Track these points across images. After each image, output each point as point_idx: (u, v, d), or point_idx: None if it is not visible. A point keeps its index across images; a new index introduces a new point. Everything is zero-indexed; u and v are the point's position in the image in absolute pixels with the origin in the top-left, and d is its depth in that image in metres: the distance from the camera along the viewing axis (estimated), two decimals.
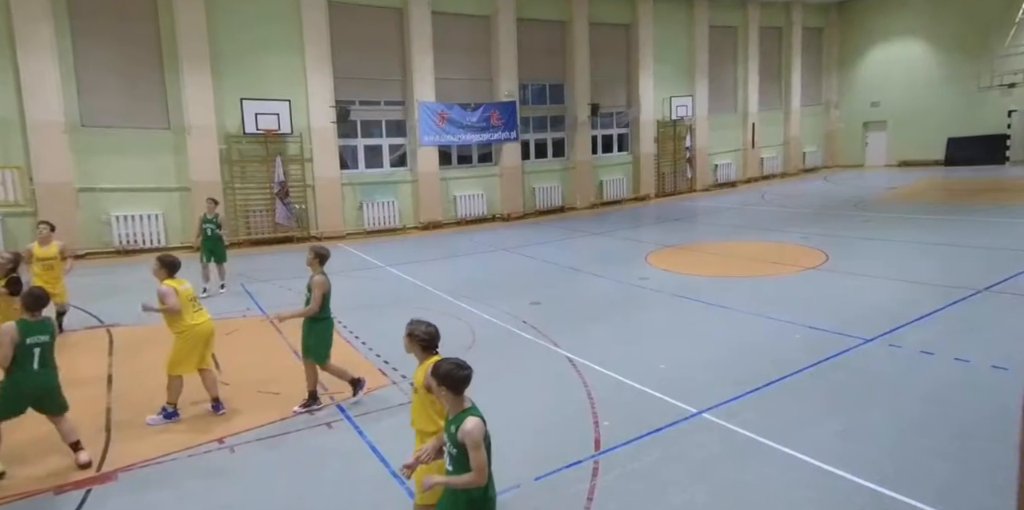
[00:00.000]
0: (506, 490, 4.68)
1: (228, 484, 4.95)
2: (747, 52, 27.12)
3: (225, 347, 8.20)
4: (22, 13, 13.71)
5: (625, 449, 5.23)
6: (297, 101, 16.70)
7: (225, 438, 5.71)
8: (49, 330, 5.26)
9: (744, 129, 27.44)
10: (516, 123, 20.31)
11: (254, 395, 6.74)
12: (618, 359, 7.39)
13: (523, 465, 5.05)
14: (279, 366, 7.64)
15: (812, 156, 30.61)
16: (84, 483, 4.94)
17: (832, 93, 31.38)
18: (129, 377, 7.38)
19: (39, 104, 14.05)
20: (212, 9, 15.72)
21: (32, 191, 14.27)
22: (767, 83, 28.18)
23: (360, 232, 18.13)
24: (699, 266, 12.37)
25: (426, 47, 18.55)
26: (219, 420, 6.15)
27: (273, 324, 9.34)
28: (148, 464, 5.25)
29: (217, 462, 5.32)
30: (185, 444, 5.60)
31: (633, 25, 23.41)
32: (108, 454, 5.48)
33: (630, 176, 24.01)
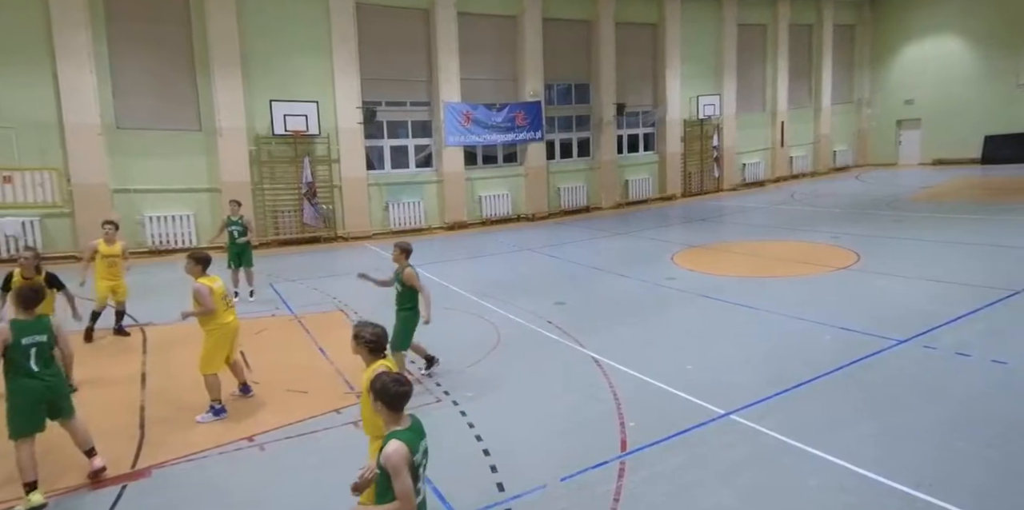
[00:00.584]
0: (532, 490, 4.68)
1: (258, 481, 5.01)
2: (776, 50, 26.75)
3: (254, 346, 8.33)
4: (61, 19, 14.08)
5: (651, 450, 5.19)
6: (325, 102, 16.88)
7: (255, 436, 5.78)
8: (45, 329, 4.93)
9: (773, 128, 27.06)
10: (541, 123, 20.29)
11: (283, 394, 6.81)
12: (644, 359, 7.33)
13: (549, 465, 5.03)
14: (307, 365, 7.71)
15: (843, 155, 30.08)
16: (119, 479, 5.04)
17: (864, 91, 30.79)
18: (162, 375, 7.50)
19: (76, 107, 14.41)
20: (243, 13, 15.98)
21: (69, 192, 14.64)
22: (796, 81, 27.75)
23: (386, 232, 18.26)
24: (726, 266, 12.22)
25: (452, 48, 18.63)
26: (249, 418, 6.23)
27: (302, 324, 9.46)
28: (181, 461, 5.34)
29: (247, 459, 5.39)
30: (216, 442, 5.67)
31: (660, 24, 23.24)
32: (142, 451, 5.57)
33: (656, 176, 23.83)
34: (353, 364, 7.53)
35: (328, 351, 8.11)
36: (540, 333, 8.61)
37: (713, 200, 23.18)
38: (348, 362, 7.60)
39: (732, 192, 25.00)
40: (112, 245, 9.03)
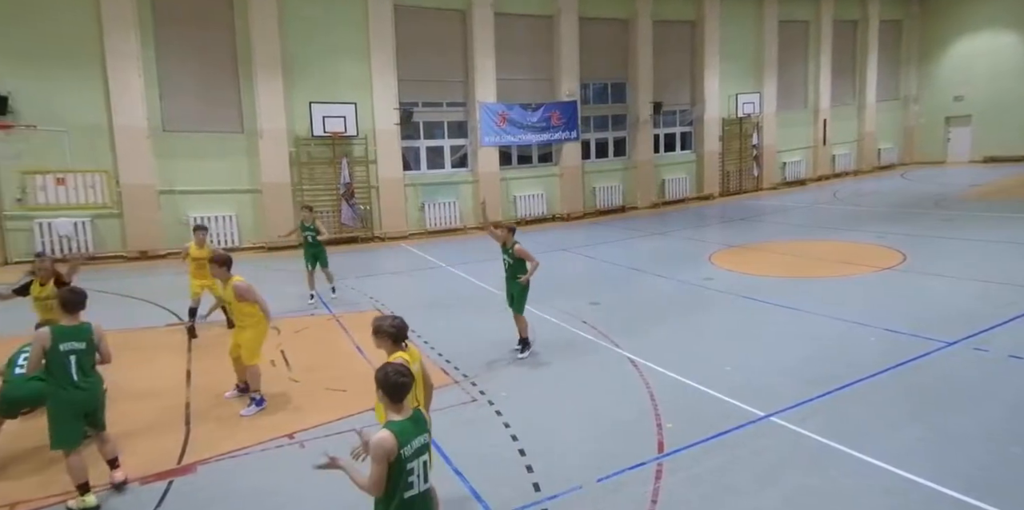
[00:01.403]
0: (568, 491, 4.65)
1: (299, 478, 5.06)
2: (819, 47, 26.15)
3: (294, 345, 8.48)
4: (112, 24, 14.57)
5: (689, 452, 5.12)
6: (363, 104, 17.11)
7: (295, 433, 5.86)
8: (85, 336, 4.77)
9: (815, 126, 26.47)
10: (577, 123, 20.21)
11: (322, 392, 6.89)
12: (681, 360, 7.24)
13: (585, 466, 5.00)
14: (345, 364, 7.80)
15: (888, 153, 29.25)
16: (166, 475, 5.15)
17: (911, 87, 29.89)
18: (207, 373, 7.65)
19: (125, 110, 14.89)
20: (284, 17, 16.30)
21: (118, 193, 15.12)
22: (840, 78, 27.08)
23: (422, 232, 18.41)
24: (766, 266, 11.99)
25: (488, 48, 18.70)
26: (290, 416, 6.30)
27: (340, 323, 9.60)
28: (225, 457, 5.44)
29: (288, 456, 5.46)
30: (258, 439, 5.76)
31: (698, 22, 22.95)
32: (188, 447, 5.68)
33: (693, 175, 23.53)
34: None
35: (366, 350, 8.19)
36: (575, 333, 8.58)
37: (752, 199, 22.77)
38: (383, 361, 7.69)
39: (772, 191, 24.52)
40: (201, 248, 9.41)
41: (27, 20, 14.00)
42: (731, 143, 23.99)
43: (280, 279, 13.06)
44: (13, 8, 13.88)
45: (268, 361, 7.91)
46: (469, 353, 7.91)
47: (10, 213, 14.37)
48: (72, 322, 4.78)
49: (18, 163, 13.74)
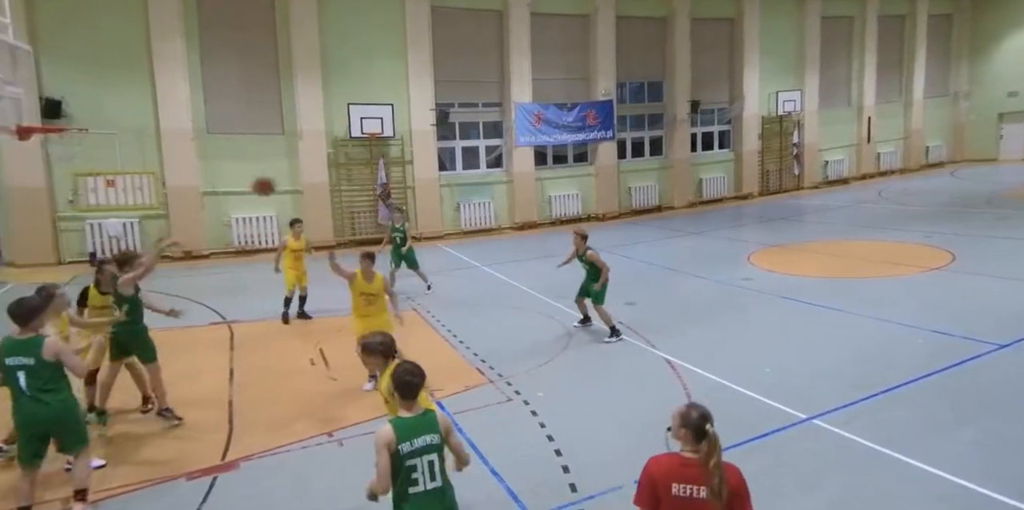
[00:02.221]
0: (606, 491, 4.61)
1: (338, 476, 5.12)
2: (864, 43, 25.45)
3: (333, 344, 8.58)
4: (159, 29, 14.99)
5: (728, 454, 4.96)
6: (399, 105, 17.27)
7: (334, 432, 5.92)
8: (34, 351, 4.34)
9: (859, 123, 25.79)
10: (613, 122, 20.07)
11: (359, 392, 6.94)
12: (719, 362, 7.12)
13: (622, 467, 4.94)
14: None
15: (936, 150, 28.33)
16: (211, 471, 5.26)
17: (961, 83, 28.89)
18: (249, 371, 7.79)
19: (171, 113, 15.29)
20: (324, 20, 16.55)
21: (164, 194, 15.55)
22: (886, 74, 26.31)
23: (457, 232, 18.50)
24: (808, 266, 11.73)
25: (524, 48, 18.70)
26: (329, 414, 6.36)
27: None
28: (267, 454, 5.52)
29: (328, 455, 5.53)
30: (298, 436, 5.83)
31: (738, 19, 22.57)
32: (231, 444, 5.78)
33: (731, 174, 23.15)
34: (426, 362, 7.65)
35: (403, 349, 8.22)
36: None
37: (793, 198, 22.31)
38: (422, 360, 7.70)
39: (813, 190, 23.98)
40: (298, 240, 10.05)
41: (80, 28, 14.48)
42: (771, 141, 23.53)
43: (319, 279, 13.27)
44: (67, 17, 14.37)
45: (308, 360, 8.06)
46: (504, 353, 7.92)
47: (63, 214, 14.89)
48: (22, 335, 4.42)
49: (71, 165, 14.22)
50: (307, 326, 9.72)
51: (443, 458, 3.37)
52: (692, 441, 2.89)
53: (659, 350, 7.73)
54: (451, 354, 8.05)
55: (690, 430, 2.89)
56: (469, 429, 5.82)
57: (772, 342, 7.84)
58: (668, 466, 2.90)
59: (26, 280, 13.03)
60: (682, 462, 2.88)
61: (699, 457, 2.84)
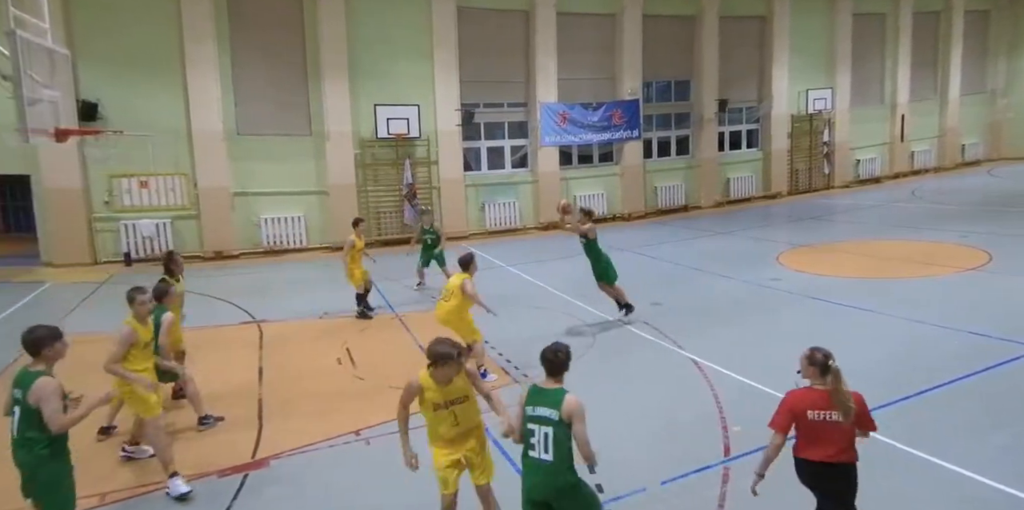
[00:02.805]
0: (632, 493, 4.59)
1: (365, 475, 5.18)
2: (897, 40, 24.93)
3: (358, 344, 8.67)
4: (192, 32, 15.27)
5: (757, 456, 4.94)
6: (425, 105, 17.36)
7: (361, 431, 5.96)
8: (25, 386, 3.75)
9: (891, 121, 25.26)
10: (639, 121, 19.94)
11: (386, 390, 6.96)
12: (747, 363, 7.03)
13: (648, 468, 4.92)
14: (408, 363, 7.83)
15: (972, 149, 27.63)
16: (242, 468, 5.34)
17: (999, 80, 28.13)
18: (277, 370, 7.88)
19: (203, 115, 15.57)
20: (351, 21, 16.70)
21: (196, 195, 15.84)
22: (920, 72, 25.73)
23: (482, 232, 18.54)
24: (838, 267, 11.53)
25: (550, 48, 18.68)
26: (355, 413, 6.40)
27: (402, 322, 9.75)
28: (295, 453, 5.59)
29: (355, 453, 5.58)
30: (326, 435, 5.88)
31: (768, 17, 22.27)
32: (260, 442, 5.85)
33: (760, 173, 22.85)
34: None
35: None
36: (636, 334, 8.46)
37: (823, 198, 21.95)
38: None
39: (844, 189, 23.55)
40: (361, 240, 10.40)
41: (116, 32, 14.80)
42: (800, 140, 23.17)
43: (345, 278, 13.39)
44: (103, 22, 14.70)
45: (335, 359, 8.14)
46: (529, 352, 7.85)
47: (98, 215, 15.24)
48: (31, 366, 3.87)
49: (106, 167, 14.55)
50: (334, 326, 9.80)
51: (564, 439, 3.58)
52: (819, 376, 3.69)
53: (685, 350, 7.66)
54: None
55: (817, 367, 3.70)
56: (494, 429, 5.82)
57: (801, 343, 7.61)
58: (804, 397, 3.69)
59: (64, 280, 13.42)
60: (815, 393, 3.67)
61: (827, 388, 3.64)
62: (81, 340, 4.53)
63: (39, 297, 12.08)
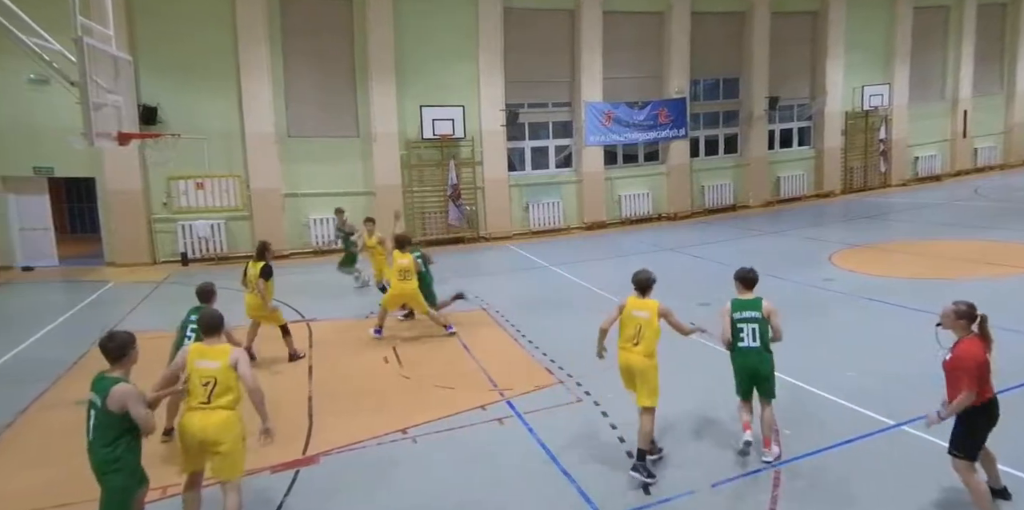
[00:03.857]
0: (681, 495, 4.51)
1: (413, 472, 5.22)
2: (961, 33, 23.94)
3: (404, 342, 8.75)
4: (246, 37, 15.72)
5: (811, 460, 4.82)
6: (470, 106, 17.47)
7: (408, 429, 6.00)
8: (102, 391, 3.83)
9: (953, 117, 24.27)
10: (686, 120, 19.64)
11: (431, 389, 7.05)
12: (798, 365, 6.83)
13: (697, 470, 4.84)
14: (453, 362, 7.93)
15: None
16: (294, 464, 5.43)
17: None
18: (327, 368, 7.99)
19: (255, 118, 16.01)
20: (399, 24, 16.93)
21: (248, 197, 16.29)
22: (984, 66, 24.63)
23: (526, 232, 18.54)
24: (894, 267, 11.13)
25: (595, 47, 18.58)
26: (402, 411, 6.45)
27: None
28: (345, 450, 5.66)
29: (402, 451, 5.62)
30: (373, 432, 5.94)
31: (822, 12, 21.67)
32: (311, 439, 5.94)
33: (812, 171, 22.24)
34: (495, 362, 7.73)
35: (472, 349, 8.34)
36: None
37: (879, 196, 21.23)
38: (491, 360, 7.81)
39: (902, 188, 22.73)
40: (371, 237, 11.10)
41: (175, 38, 15.34)
42: (855, 137, 22.48)
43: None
44: (164, 28, 15.25)
45: (382, 358, 8.22)
46: (573, 353, 7.84)
47: (157, 216, 15.83)
48: (111, 373, 3.96)
49: (164, 169, 15.08)
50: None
51: (765, 330, 5.13)
52: (967, 326, 4.10)
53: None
54: (520, 354, 8.07)
55: (966, 319, 4.09)
56: (539, 429, 5.81)
57: (855, 345, 7.47)
58: (978, 348, 4.03)
59: (125, 279, 13.96)
60: (976, 341, 4.06)
61: (976, 333, 4.07)
62: (145, 337, 4.66)
63: (102, 296, 12.59)
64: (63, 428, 6.31)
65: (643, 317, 5.12)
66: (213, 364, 4.19)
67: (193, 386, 4.19)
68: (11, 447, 5.96)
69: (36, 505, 4.87)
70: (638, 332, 5.10)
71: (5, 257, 14.73)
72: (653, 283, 5.26)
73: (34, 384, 7.44)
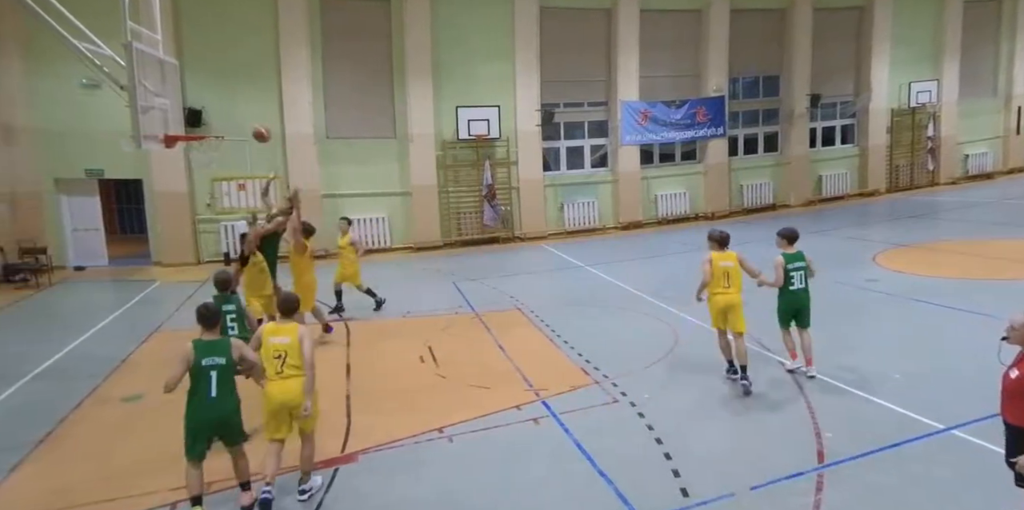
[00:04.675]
0: (720, 498, 4.44)
1: (450, 471, 5.24)
2: (1015, 27, 23.05)
3: (440, 342, 8.78)
4: (287, 40, 16.00)
5: (855, 464, 4.70)
6: (505, 106, 17.47)
7: (444, 428, 6.02)
8: (226, 351, 4.66)
9: (1006, 113, 23.38)
10: (724, 118, 19.33)
11: (467, 389, 7.06)
12: (841, 366, 6.69)
13: (736, 472, 4.75)
14: (488, 362, 7.93)
15: None
16: (333, 462, 5.48)
17: None
18: (365, 367, 8.07)
19: (296, 119, 16.28)
20: (436, 25, 17.04)
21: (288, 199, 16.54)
22: None
23: (561, 232, 18.48)
24: (942, 267, 10.79)
25: (632, 46, 18.43)
26: (439, 410, 6.46)
27: (483, 322, 9.82)
28: (383, 448, 5.71)
29: (438, 450, 5.65)
30: (411, 431, 5.97)
31: (867, 7, 21.10)
32: (349, 437, 6.00)
33: (855, 170, 21.68)
34: (530, 362, 7.73)
35: (507, 349, 8.34)
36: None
37: (926, 195, 20.60)
38: (526, 360, 7.81)
39: (951, 186, 22.00)
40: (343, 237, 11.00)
41: (219, 41, 15.71)
42: (901, 135, 21.84)
43: (428, 278, 13.69)
44: (208, 31, 15.63)
45: (418, 357, 8.27)
46: (609, 353, 7.82)
47: (201, 217, 16.22)
48: (211, 337, 4.74)
49: (208, 171, 15.46)
50: (416, 325, 9.94)
51: (808, 275, 6.81)
52: None
53: (772, 353, 7.37)
54: (556, 354, 8.04)
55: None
56: (575, 429, 5.79)
57: (901, 346, 7.27)
58: None
59: (172, 278, 14.35)
60: None
61: None
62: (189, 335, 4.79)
63: (150, 295, 12.96)
64: (115, 423, 6.55)
65: (729, 266, 6.79)
66: (284, 339, 4.86)
67: (267, 359, 4.84)
68: (65, 441, 6.16)
69: (90, 499, 5.01)
70: (727, 277, 6.77)
71: (59, 257, 15.24)
72: (730, 238, 7.01)
73: (86, 380, 7.69)
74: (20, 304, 12.16)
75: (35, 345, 9.25)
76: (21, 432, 6.28)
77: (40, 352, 8.80)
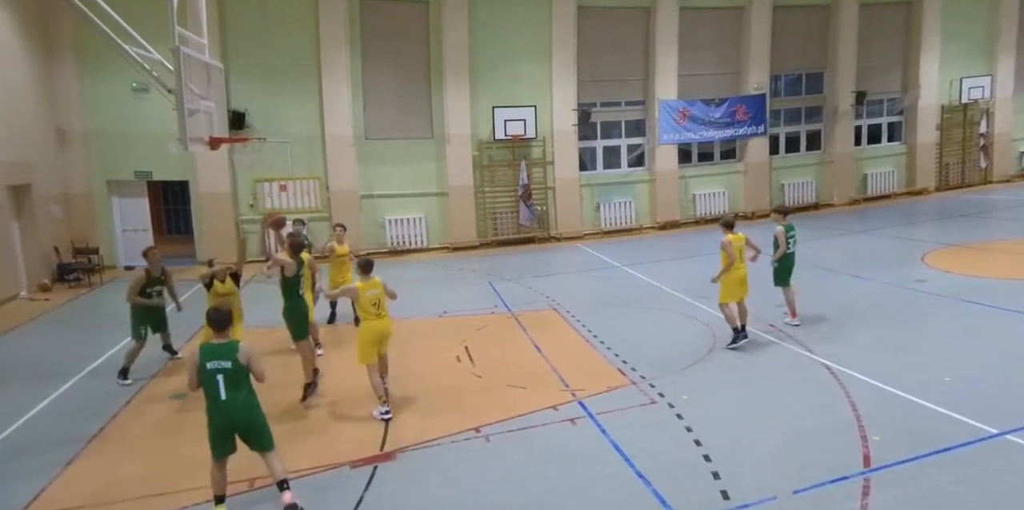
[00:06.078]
0: (761, 501, 4.36)
1: (486, 471, 5.25)
2: None
3: (477, 342, 8.81)
4: (328, 42, 16.24)
5: (903, 468, 4.55)
6: (542, 106, 17.47)
7: (481, 427, 6.03)
8: (232, 355, 4.68)
9: None
10: (765, 117, 18.97)
11: (503, 389, 7.06)
12: (888, 369, 6.49)
13: (778, 475, 4.66)
14: (524, 362, 7.91)
15: None
16: (372, 460, 5.54)
17: None
18: (402, 366, 8.01)
19: (335, 120, 16.53)
20: (473, 26, 17.12)
21: (328, 198, 16.86)
22: None
23: (597, 232, 18.38)
24: (994, 267, 10.40)
25: (671, 44, 18.24)
26: (476, 410, 6.48)
27: (518, 322, 9.80)
28: (420, 447, 5.74)
29: (475, 449, 5.66)
30: (447, 431, 5.99)
31: (915, 2, 20.50)
32: (388, 436, 6.04)
33: (903, 168, 21.06)
34: (567, 362, 7.69)
35: (543, 349, 8.32)
36: (760, 336, 8.04)
37: (978, 194, 19.88)
38: (562, 360, 7.77)
39: (1004, 184, 21.20)
40: (342, 245, 10.27)
41: (262, 44, 16.04)
42: (951, 132, 21.15)
43: (464, 278, 13.74)
44: (251, 35, 15.97)
45: (454, 357, 8.31)
46: (646, 354, 7.74)
47: (244, 217, 16.60)
48: (219, 340, 4.80)
49: (251, 172, 15.82)
50: (453, 324, 9.97)
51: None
52: None
53: (816, 355, 7.20)
54: (592, 355, 7.99)
55: None
56: (612, 430, 5.74)
57: (951, 349, 7.02)
58: None
59: None
60: None
61: None
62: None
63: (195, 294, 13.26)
64: (163, 420, 6.73)
65: (743, 245, 7.96)
66: (375, 290, 6.55)
67: (365, 305, 6.50)
68: (116, 438, 6.35)
69: (140, 493, 5.16)
70: (741, 255, 7.92)
71: (109, 257, 15.77)
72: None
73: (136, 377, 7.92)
74: (74, 303, 12.61)
75: (88, 342, 9.57)
76: (77, 427, 6.51)
77: (93, 349, 9.10)
